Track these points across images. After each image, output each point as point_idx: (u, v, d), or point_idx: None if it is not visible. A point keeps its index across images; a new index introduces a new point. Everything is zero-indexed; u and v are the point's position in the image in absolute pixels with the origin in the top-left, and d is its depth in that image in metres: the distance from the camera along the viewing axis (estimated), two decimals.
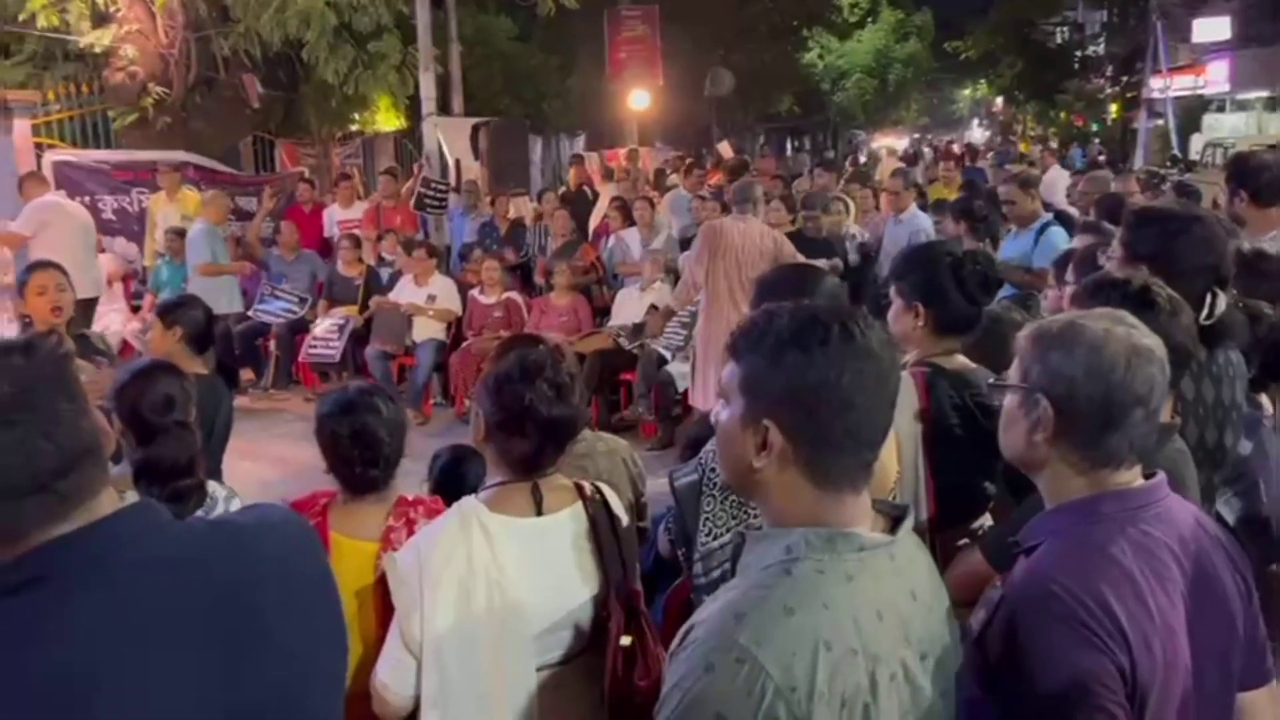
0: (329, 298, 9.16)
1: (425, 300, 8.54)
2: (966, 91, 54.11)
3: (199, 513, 2.47)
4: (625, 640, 2.06)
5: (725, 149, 19.40)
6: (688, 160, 13.91)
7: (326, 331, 8.78)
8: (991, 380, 2.08)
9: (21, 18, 10.03)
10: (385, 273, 9.20)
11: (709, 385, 5.49)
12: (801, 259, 5.15)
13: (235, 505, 2.50)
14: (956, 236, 6.28)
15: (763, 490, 1.38)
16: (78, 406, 1.21)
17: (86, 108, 11.29)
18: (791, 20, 30.93)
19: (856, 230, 8.28)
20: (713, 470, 2.37)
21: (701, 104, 24.42)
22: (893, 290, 2.69)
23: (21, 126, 10.00)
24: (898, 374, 1.38)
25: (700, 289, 5.74)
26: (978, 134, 54.36)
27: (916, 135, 50.36)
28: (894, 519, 1.40)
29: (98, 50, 10.56)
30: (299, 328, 8.97)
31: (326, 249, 10.05)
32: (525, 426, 2.01)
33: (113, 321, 8.77)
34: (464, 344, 8.29)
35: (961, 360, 2.60)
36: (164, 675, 1.16)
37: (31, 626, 1.13)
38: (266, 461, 6.63)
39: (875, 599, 1.29)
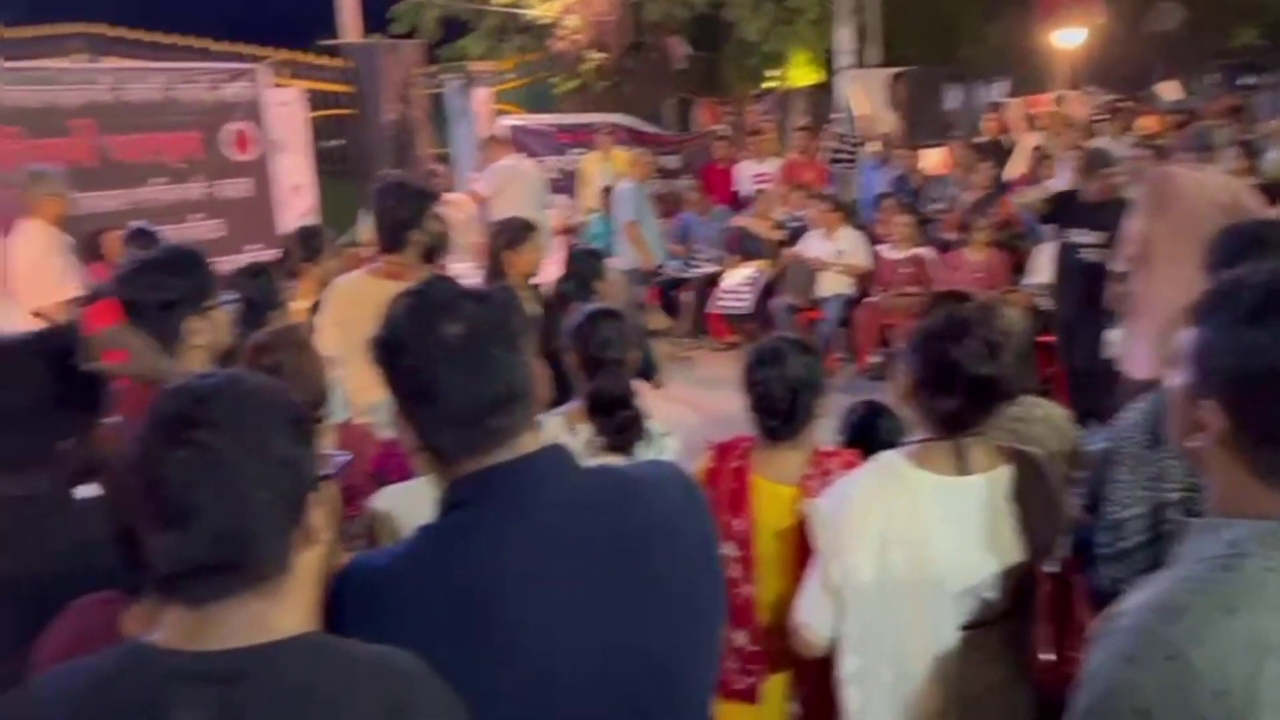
0: (740, 252, 9.47)
1: (833, 254, 8.59)
2: None
3: (639, 444, 2.71)
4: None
5: (1170, 89, 17.46)
6: (1122, 105, 12.70)
7: (738, 284, 9.11)
8: None
9: None
10: (795, 227, 9.35)
11: (1142, 352, 5.05)
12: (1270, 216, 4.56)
13: (669, 443, 2.70)
14: None
15: (1206, 470, 1.26)
16: (515, 355, 1.34)
17: (534, 76, 12.44)
18: None
19: None
20: (1127, 438, 2.24)
21: (1140, 41, 22.09)
22: None
23: (482, 95, 11.25)
24: None
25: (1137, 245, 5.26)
26: None
27: None
28: None
29: (545, 21, 11.59)
30: (711, 280, 9.38)
31: (738, 204, 10.38)
32: (952, 384, 1.99)
33: (551, 273, 9.67)
34: (870, 299, 8.25)
35: None
36: (557, 603, 1.27)
37: (456, 540, 1.30)
38: (683, 405, 7.04)
39: None
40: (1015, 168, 9.78)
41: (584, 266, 4.12)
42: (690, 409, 6.93)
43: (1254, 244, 2.32)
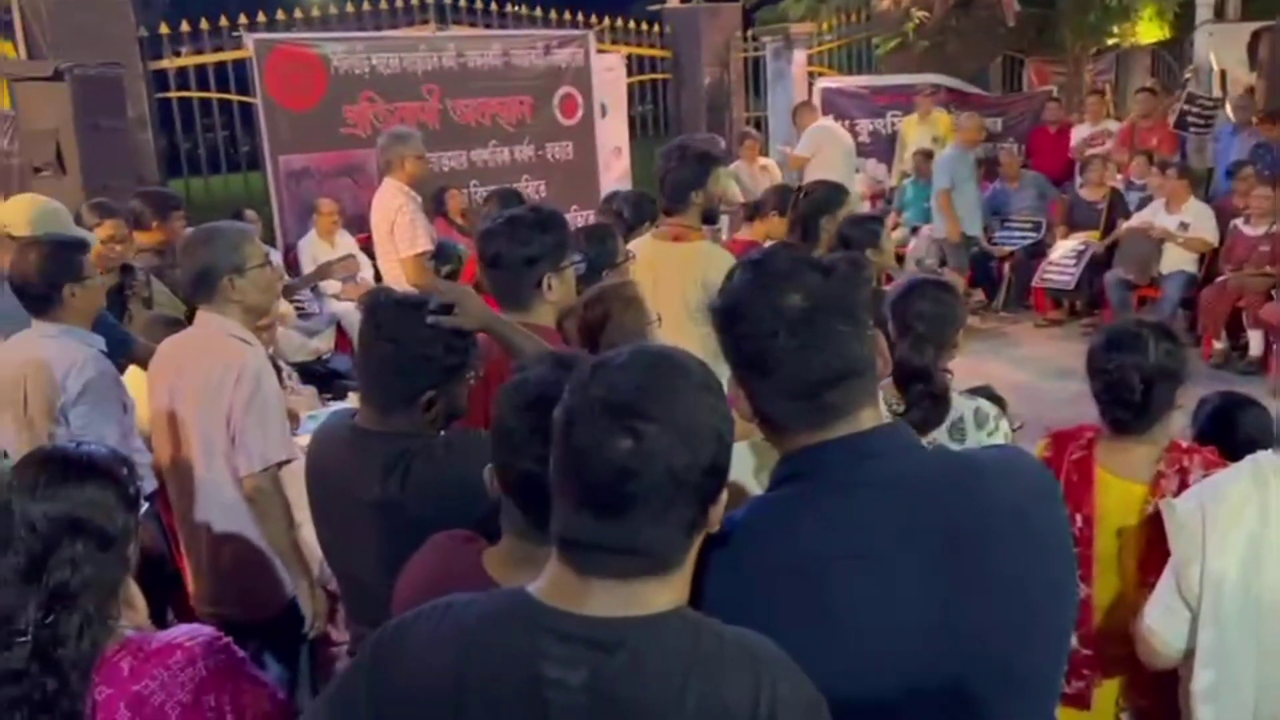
0: (1068, 222, 8.86)
1: (1177, 227, 7.85)
2: None
3: (943, 425, 2.60)
4: None
5: None
6: None
7: (1064, 256, 8.54)
8: None
9: None
10: (1135, 197, 8.61)
11: None
12: None
13: (1003, 425, 2.57)
14: None
15: None
16: (857, 330, 1.30)
17: (854, 36, 12.15)
18: None
19: None
20: None
21: None
22: None
23: (799, 57, 11.14)
24: None
25: None
26: None
27: None
28: None
29: None
30: (1035, 251, 8.84)
31: (1070, 170, 9.70)
32: None
33: None
34: (1219, 279, 7.47)
35: None
36: (889, 583, 1.23)
37: (787, 514, 1.29)
38: (1000, 386, 6.69)
39: None
40: None
41: (858, 233, 4.00)
42: (1009, 390, 6.57)
43: None
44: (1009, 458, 1.44)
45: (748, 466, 2.08)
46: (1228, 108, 9.73)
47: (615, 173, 9.67)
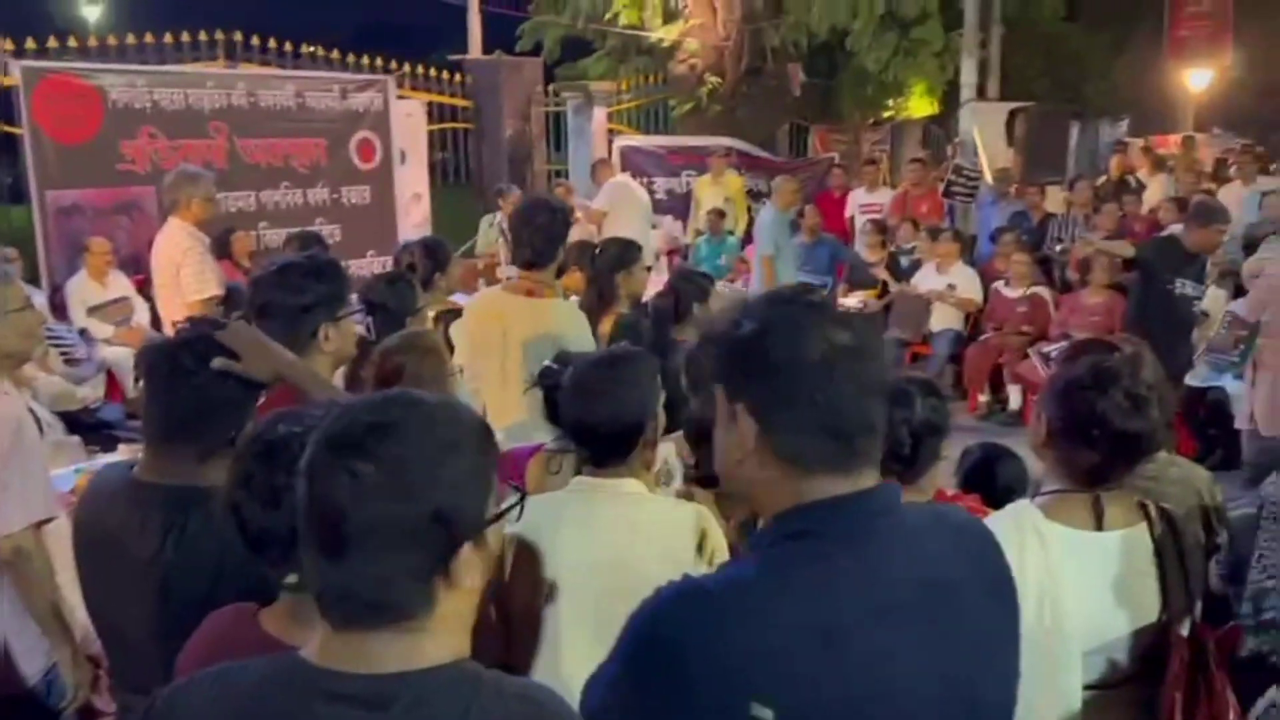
0: (849, 281, 9.37)
1: (945, 288, 8.44)
2: None
3: None
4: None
5: None
6: (1255, 150, 12.24)
7: None
8: None
9: (607, 16, 11.41)
10: (906, 259, 9.22)
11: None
12: None
13: None
14: None
15: None
16: (886, 386, 1.31)
17: (651, 97, 12.55)
18: None
19: None
20: (1274, 503, 2.16)
21: (1270, 86, 21.27)
22: None
23: (599, 115, 11.39)
24: None
25: None
26: None
27: None
28: None
29: (665, 44, 11.71)
30: None
31: (848, 233, 10.28)
32: (1093, 437, 1.93)
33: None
34: (982, 337, 8.07)
35: None
36: (899, 640, 1.23)
37: (805, 568, 1.24)
38: None
39: None
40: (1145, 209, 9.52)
41: (688, 288, 4.11)
42: None
43: None
44: (955, 510, 1.50)
45: (555, 517, 2.09)
46: (989, 178, 10.61)
47: (414, 219, 9.56)
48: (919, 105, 14.08)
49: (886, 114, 13.71)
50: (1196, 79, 17.45)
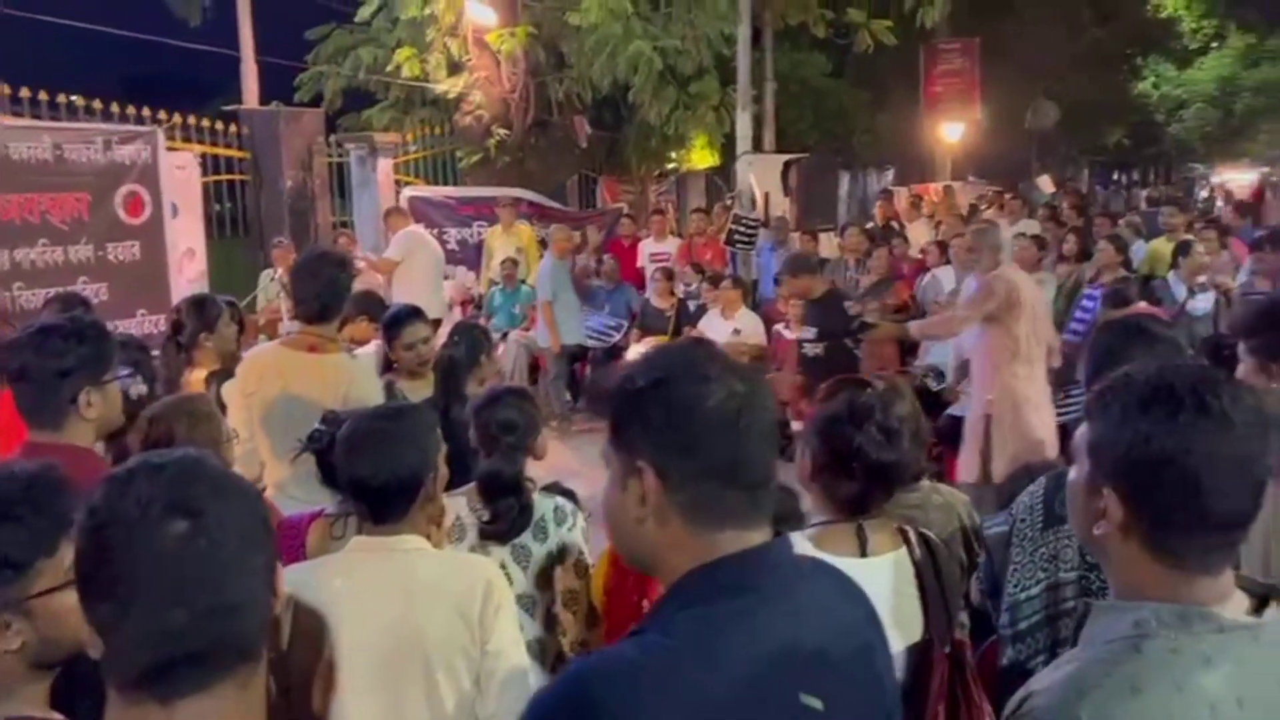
0: (641, 327, 9.59)
1: (730, 334, 8.75)
2: None
3: (527, 532, 2.74)
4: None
5: (1046, 183, 18.48)
6: (1005, 196, 13.40)
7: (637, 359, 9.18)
8: None
9: (389, 68, 11.32)
10: (694, 304, 9.52)
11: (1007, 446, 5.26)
12: None
13: (579, 519, 2.72)
14: None
15: (1107, 558, 1.32)
16: (762, 435, 1.25)
17: (438, 148, 12.50)
18: (1125, 49, 29.01)
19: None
20: (1022, 521, 2.35)
21: (1021, 137, 23.38)
22: (1241, 348, 2.51)
23: (385, 165, 11.24)
24: (1267, 458, 1.25)
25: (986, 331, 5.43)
26: None
27: (1266, 169, 45.40)
28: (1261, 598, 1.29)
29: (450, 96, 11.71)
30: (614, 354, 9.45)
31: (640, 280, 10.54)
32: (852, 469, 2.06)
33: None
34: (766, 377, 8.39)
35: None
36: (831, 697, 1.19)
37: (720, 640, 1.16)
38: (576, 481, 7.00)
39: (1236, 685, 1.20)
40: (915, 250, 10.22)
41: (469, 340, 4.11)
42: (584, 484, 6.89)
43: (1137, 336, 2.44)
44: (818, 559, 1.48)
45: (325, 583, 2.03)
46: (768, 226, 11.15)
47: (189, 275, 9.10)
48: (701, 157, 14.65)
49: (670, 165, 14.20)
50: (950, 131, 18.94)
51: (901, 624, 2.08)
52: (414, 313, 4.15)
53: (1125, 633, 1.24)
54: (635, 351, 9.19)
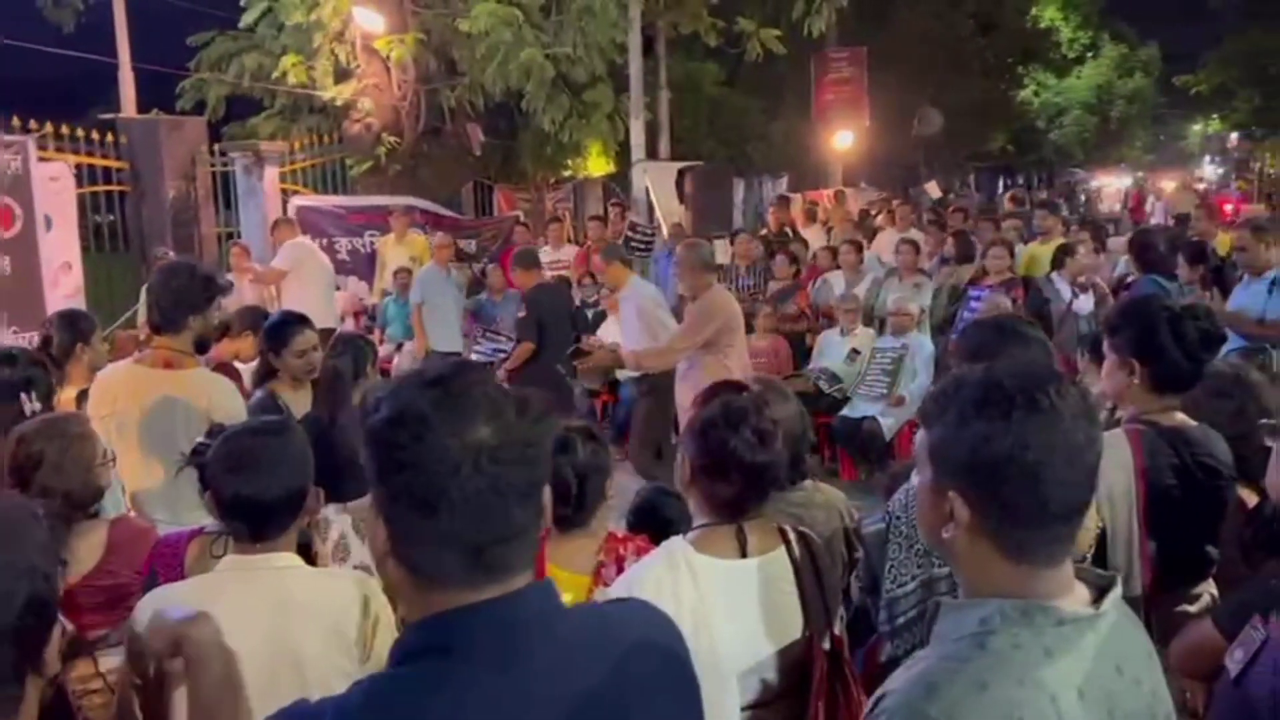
0: None
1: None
2: (1197, 127, 50.72)
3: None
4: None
5: (933, 189, 19.04)
6: (894, 202, 13.76)
7: None
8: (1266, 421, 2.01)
9: (274, 75, 11.06)
10: (591, 312, 9.52)
11: None
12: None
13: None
14: (1191, 282, 6.04)
15: (956, 559, 1.36)
16: (539, 479, 1.17)
17: (327, 156, 12.26)
18: (1006, 58, 30.07)
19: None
20: (898, 519, 2.41)
21: (908, 144, 24.04)
22: (1106, 345, 2.63)
23: (271, 174, 10.98)
24: (1096, 445, 1.31)
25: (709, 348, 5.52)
26: (1209, 171, 50.76)
27: (1140, 174, 47.61)
28: (1100, 589, 1.34)
29: (339, 104, 11.50)
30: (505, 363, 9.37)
31: None
32: (729, 471, 2.09)
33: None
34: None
35: (1181, 418, 2.51)
36: None
37: (427, 700, 1.10)
38: None
39: (1076, 676, 1.25)
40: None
41: (354, 351, 4.05)
42: None
43: (1010, 335, 2.53)
44: (632, 620, 1.34)
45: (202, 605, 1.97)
46: (664, 232, 11.21)
47: (65, 289, 8.73)
48: (597, 164, 14.67)
49: (567, 173, 14.19)
50: (841, 139, 19.35)
51: (778, 624, 2.11)
52: (300, 319, 4.05)
53: (972, 630, 1.28)
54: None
